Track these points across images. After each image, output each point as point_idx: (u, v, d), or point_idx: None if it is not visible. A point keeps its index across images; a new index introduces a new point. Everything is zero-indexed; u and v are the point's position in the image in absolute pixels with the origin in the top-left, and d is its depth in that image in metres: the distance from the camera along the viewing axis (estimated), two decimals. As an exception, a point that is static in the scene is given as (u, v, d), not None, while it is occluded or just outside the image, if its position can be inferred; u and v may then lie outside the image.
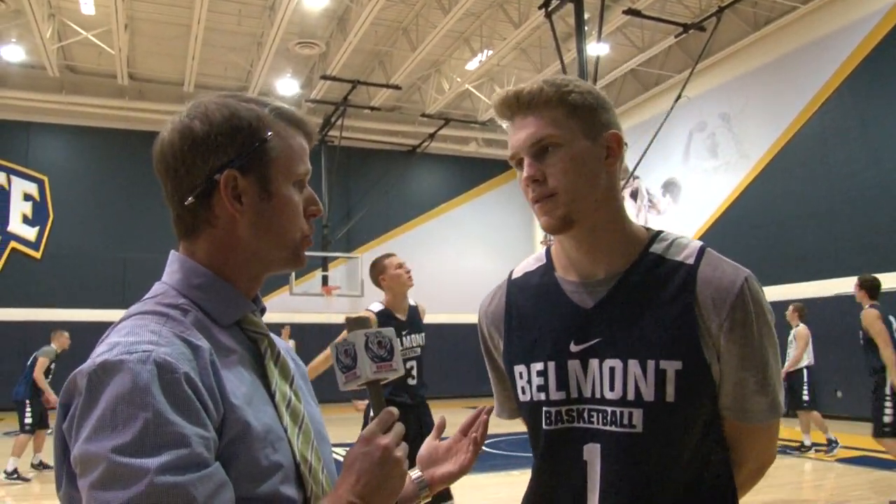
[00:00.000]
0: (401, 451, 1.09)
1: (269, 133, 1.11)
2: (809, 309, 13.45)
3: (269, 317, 1.26)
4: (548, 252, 1.50)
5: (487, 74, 18.12)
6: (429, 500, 1.45)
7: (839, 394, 13.17)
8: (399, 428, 1.12)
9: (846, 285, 12.81)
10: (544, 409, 1.39)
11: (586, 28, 12.86)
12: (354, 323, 1.20)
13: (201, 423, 0.94)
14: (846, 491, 7.29)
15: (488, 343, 1.58)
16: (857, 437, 10.04)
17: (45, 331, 15.26)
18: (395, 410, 1.14)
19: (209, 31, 15.04)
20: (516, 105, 1.34)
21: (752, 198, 15.29)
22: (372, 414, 1.18)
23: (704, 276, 1.31)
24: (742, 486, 1.42)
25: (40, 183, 17.81)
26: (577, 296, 1.39)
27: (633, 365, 1.30)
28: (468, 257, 21.18)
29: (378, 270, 5.37)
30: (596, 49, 13.32)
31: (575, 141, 1.32)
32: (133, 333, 0.99)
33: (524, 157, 1.34)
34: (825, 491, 7.29)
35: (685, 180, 17.28)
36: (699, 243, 1.37)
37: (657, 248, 1.37)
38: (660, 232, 1.42)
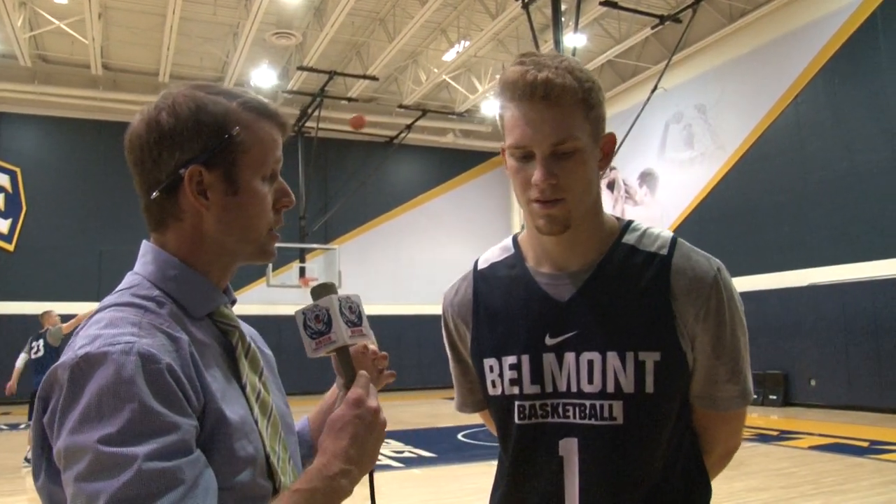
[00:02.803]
0: (384, 416, 1.11)
1: (237, 128, 1.10)
2: (783, 299, 13.62)
3: (247, 309, 1.25)
4: (514, 241, 1.48)
5: (465, 65, 18.11)
6: None
7: (813, 383, 13.35)
8: (375, 391, 1.13)
9: (820, 275, 12.99)
10: (517, 402, 1.36)
11: (563, 19, 12.88)
12: (322, 288, 1.18)
13: (184, 413, 0.95)
14: (819, 477, 7.40)
15: (453, 335, 1.53)
16: (829, 424, 10.19)
17: (19, 324, 15.14)
18: (367, 374, 1.13)
19: (185, 21, 14.89)
20: (542, 94, 1.24)
21: (728, 188, 15.42)
22: (343, 380, 1.16)
23: (678, 267, 1.31)
24: (710, 471, 1.43)
25: (12, 174, 17.57)
26: (551, 288, 1.37)
27: (612, 357, 1.29)
28: (445, 248, 21.19)
29: None
30: (573, 40, 13.35)
31: (588, 146, 1.29)
32: (113, 325, 0.99)
33: (536, 153, 1.27)
34: (798, 478, 7.40)
35: (662, 171, 17.39)
36: (670, 234, 1.37)
37: (629, 238, 1.37)
38: (630, 222, 1.41)
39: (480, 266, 1.51)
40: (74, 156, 17.87)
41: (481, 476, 8.26)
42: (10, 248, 17.34)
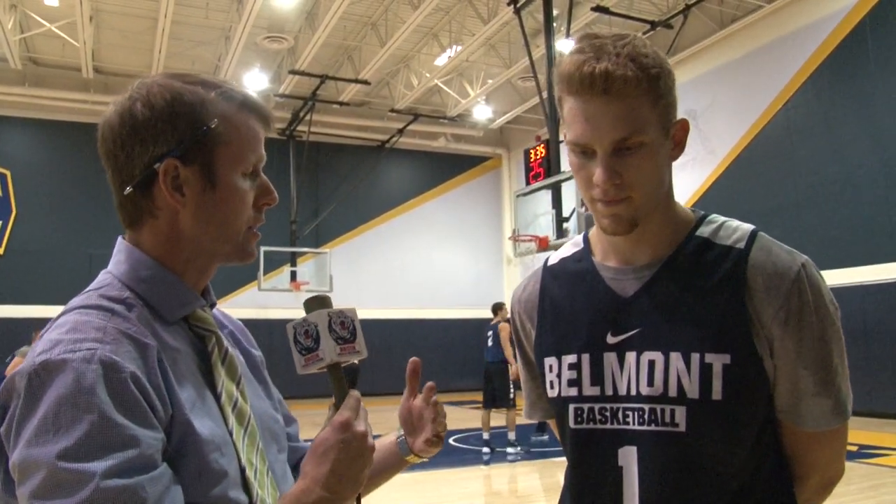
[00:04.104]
0: (372, 440, 1.04)
1: (215, 120, 1.04)
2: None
3: (238, 312, 1.23)
4: (585, 236, 1.38)
5: (456, 70, 18.13)
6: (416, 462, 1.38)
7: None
8: (365, 413, 1.06)
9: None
10: (572, 406, 1.27)
11: (555, 24, 12.92)
12: (315, 302, 1.12)
13: (149, 425, 0.90)
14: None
15: (520, 333, 1.44)
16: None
17: (8, 327, 15.06)
18: (358, 394, 1.07)
19: (176, 25, 14.86)
20: (602, 88, 1.12)
21: (719, 193, 15.47)
22: (334, 399, 1.09)
23: (756, 262, 1.20)
24: None
25: (2, 177, 17.49)
26: (616, 283, 1.27)
27: (676, 358, 1.17)
28: (437, 252, 21.20)
29: None
30: (564, 45, 13.37)
31: (656, 138, 1.17)
32: (76, 330, 0.93)
33: (598, 151, 1.16)
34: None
35: (653, 176, 17.41)
36: (751, 227, 1.26)
37: (704, 230, 1.26)
38: (707, 214, 1.30)
39: (550, 262, 1.41)
40: (64, 159, 17.78)
41: (472, 480, 8.25)
42: (0, 251, 17.25)
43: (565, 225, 11.96)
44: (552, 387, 1.31)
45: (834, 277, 12.42)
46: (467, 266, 21.04)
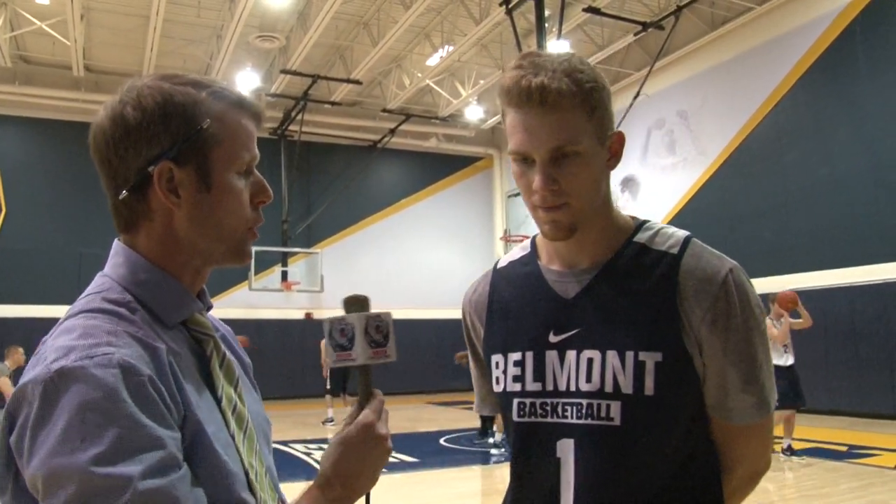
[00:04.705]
0: (391, 443, 1.11)
1: (208, 120, 1.03)
2: (763, 304, 13.71)
3: (229, 312, 1.23)
4: (533, 241, 1.46)
5: (448, 70, 18.14)
6: None
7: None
8: (387, 415, 1.13)
9: (799, 281, 13.09)
10: (516, 400, 1.35)
11: (546, 25, 12.94)
12: (355, 303, 1.16)
13: (168, 426, 0.90)
14: (798, 481, 7.46)
15: (471, 333, 1.52)
16: (808, 428, 10.26)
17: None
18: (382, 397, 1.13)
19: (168, 23, 14.83)
20: (538, 100, 1.21)
21: (709, 194, 15.53)
22: (358, 398, 1.15)
23: (688, 266, 1.27)
24: (732, 495, 1.36)
25: (-8, 176, 17.41)
26: (559, 285, 1.35)
27: (612, 356, 1.25)
28: (429, 253, 21.20)
29: None
30: (556, 46, 13.39)
31: (592, 147, 1.25)
32: (88, 335, 0.91)
33: (536, 159, 1.24)
34: (777, 482, 7.45)
35: (643, 177, 17.48)
36: (685, 233, 1.34)
37: (642, 237, 1.33)
38: (645, 221, 1.38)
39: (500, 265, 1.51)
40: (55, 158, 17.69)
41: (464, 481, 8.26)
42: (-11, 250, 17.18)
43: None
44: (498, 382, 1.39)
45: (823, 279, 12.50)
46: (459, 266, 21.03)
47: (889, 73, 12.28)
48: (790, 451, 8.50)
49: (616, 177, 17.96)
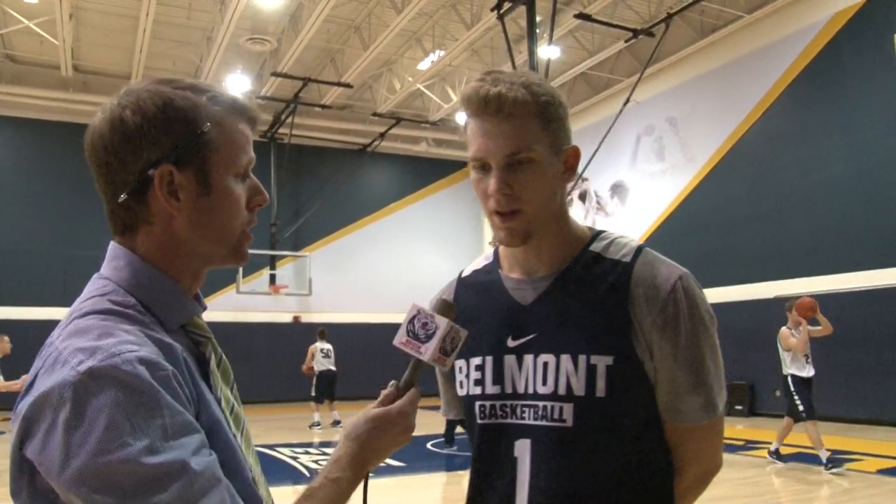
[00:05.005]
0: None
1: (208, 124, 1.04)
2: (752, 310, 13.78)
3: (217, 315, 1.23)
4: (496, 251, 1.52)
5: (439, 74, 18.16)
6: None
7: (778, 393, 13.49)
8: (416, 409, 1.23)
9: (788, 287, 13.16)
10: (478, 403, 1.41)
11: (538, 31, 12.98)
12: (449, 309, 1.24)
13: (194, 416, 0.94)
14: (783, 486, 7.49)
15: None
16: (794, 434, 10.29)
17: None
18: (419, 392, 1.23)
19: (158, 24, 14.78)
20: (495, 108, 1.29)
21: (698, 201, 15.60)
22: (400, 384, 1.24)
23: (639, 274, 1.32)
24: (684, 495, 1.40)
25: (-22, 176, 17.29)
26: (517, 292, 1.41)
27: (566, 360, 1.31)
28: (418, 256, 21.18)
29: None
30: (547, 52, 13.44)
31: (545, 156, 1.31)
32: (109, 335, 0.92)
33: (492, 165, 1.31)
34: (763, 486, 7.48)
35: (633, 183, 17.54)
36: (638, 243, 1.39)
37: (596, 246, 1.39)
38: (601, 231, 1.43)
39: (464, 274, 1.57)
40: (42, 158, 17.60)
41: (451, 486, 8.25)
42: (-25, 250, 17.05)
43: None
44: (461, 386, 1.46)
45: (811, 285, 12.56)
46: (447, 271, 20.93)
47: (875, 80, 12.39)
48: (777, 454, 8.46)
49: (605, 182, 18.08)
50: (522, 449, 1.34)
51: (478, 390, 1.41)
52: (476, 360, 1.42)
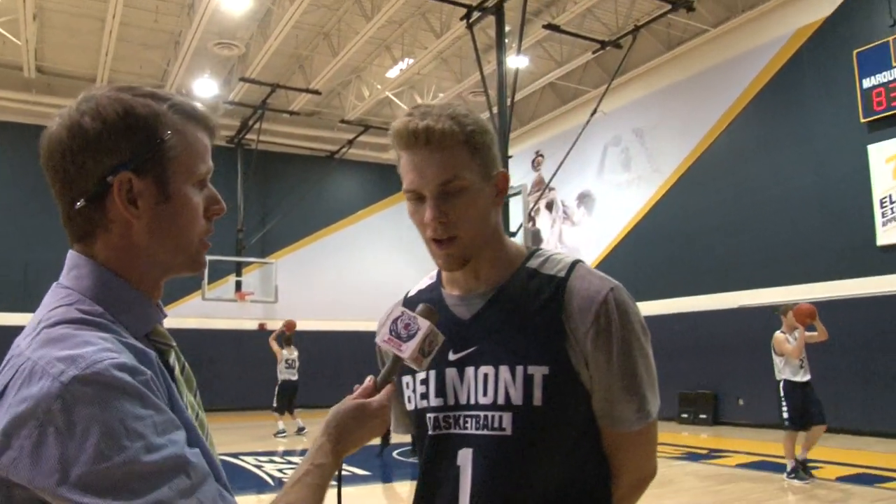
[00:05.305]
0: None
1: (168, 132, 1.05)
2: (715, 320, 13.95)
3: (183, 322, 1.22)
4: (439, 272, 1.57)
5: (408, 83, 18.17)
6: None
7: (741, 402, 13.67)
8: (391, 403, 1.32)
9: (750, 297, 13.35)
10: (428, 414, 1.46)
11: (507, 40, 13.05)
12: (431, 314, 1.33)
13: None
14: (746, 494, 7.57)
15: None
16: (757, 442, 10.43)
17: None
18: (394, 387, 1.32)
19: (124, 27, 14.60)
20: (424, 140, 1.34)
21: (663, 211, 15.77)
22: (378, 379, 1.33)
23: (572, 287, 1.38)
24: (621, 501, 1.45)
25: (-64, 178, 16.92)
26: (458, 308, 1.46)
27: (504, 370, 1.36)
28: (384, 265, 21.12)
29: None
30: (515, 62, 13.52)
31: (476, 183, 1.37)
32: (86, 343, 0.92)
33: (426, 195, 1.36)
34: (725, 495, 7.56)
35: (599, 193, 17.69)
36: (573, 258, 1.45)
37: (533, 263, 1.45)
38: (537, 249, 1.50)
39: (410, 294, 1.64)
40: (3, 160, 17.28)
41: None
42: (-68, 254, 16.67)
43: (512, 240, 12.05)
44: (409, 401, 1.51)
45: (772, 296, 12.74)
46: (415, 279, 20.83)
47: (836, 95, 12.64)
48: (796, 471, 7.95)
49: (572, 192, 18.21)
50: (465, 458, 1.39)
51: (424, 403, 1.46)
52: (421, 375, 1.47)
